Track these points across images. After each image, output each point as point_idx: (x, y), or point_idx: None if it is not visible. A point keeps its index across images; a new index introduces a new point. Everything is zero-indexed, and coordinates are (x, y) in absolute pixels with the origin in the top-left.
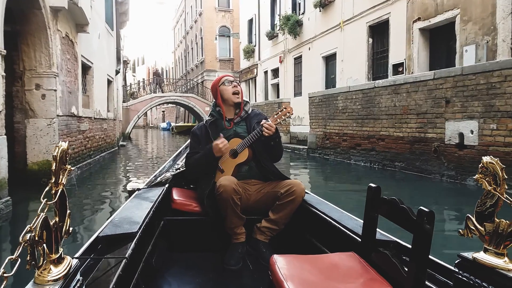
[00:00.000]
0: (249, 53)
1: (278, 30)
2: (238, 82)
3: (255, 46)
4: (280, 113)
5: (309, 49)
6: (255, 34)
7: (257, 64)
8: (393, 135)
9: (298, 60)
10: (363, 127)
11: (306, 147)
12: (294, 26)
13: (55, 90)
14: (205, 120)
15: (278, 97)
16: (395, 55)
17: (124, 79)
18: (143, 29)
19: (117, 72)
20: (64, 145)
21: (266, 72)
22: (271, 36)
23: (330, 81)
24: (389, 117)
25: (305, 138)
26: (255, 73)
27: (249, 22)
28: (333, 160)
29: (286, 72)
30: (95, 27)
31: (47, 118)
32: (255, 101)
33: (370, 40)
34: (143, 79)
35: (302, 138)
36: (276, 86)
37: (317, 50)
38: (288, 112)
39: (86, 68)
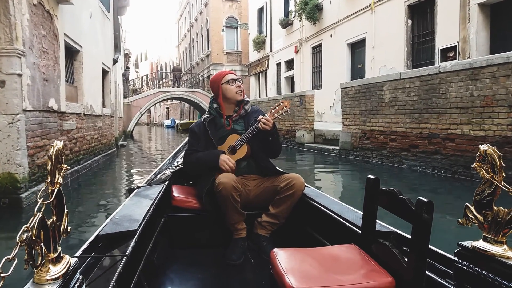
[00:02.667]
0: (259, 44)
1: (293, 17)
2: (241, 80)
3: (266, 36)
4: (277, 107)
5: (331, 36)
6: (266, 24)
7: (268, 56)
8: (469, 134)
9: (317, 49)
10: (421, 123)
11: (337, 147)
12: (313, 10)
13: (20, 75)
14: (203, 118)
15: (292, 90)
16: (444, 37)
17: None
18: (146, 24)
19: (115, 61)
20: (59, 144)
21: (278, 64)
22: (285, 24)
23: (357, 71)
24: (463, 110)
25: (334, 137)
26: (266, 66)
27: (259, 10)
28: (377, 164)
29: (303, 63)
30: (85, 2)
31: (7, 114)
32: (266, 95)
33: (409, 22)
34: (147, 75)
35: (330, 137)
36: (290, 79)
37: (341, 37)
38: (285, 107)
39: (73, 52)
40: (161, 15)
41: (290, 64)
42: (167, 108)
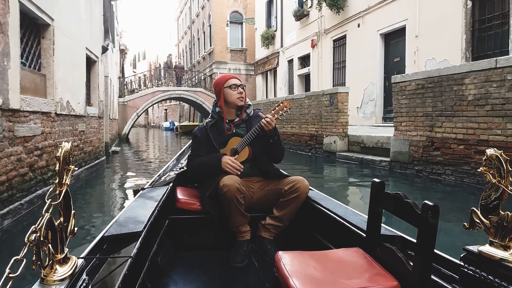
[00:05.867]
0: (268, 39)
1: (310, 6)
2: (244, 86)
3: (275, 30)
4: (277, 108)
5: (359, 25)
6: (276, 17)
7: (278, 52)
8: None
9: (339, 42)
10: None
11: (386, 158)
12: None
13: None
14: (205, 122)
15: (307, 89)
16: None
17: (122, 70)
18: (143, 23)
19: (105, 49)
20: (67, 145)
21: (290, 61)
22: (300, 15)
23: (392, 66)
24: None
25: (378, 145)
26: (275, 63)
27: (268, 3)
28: (454, 184)
29: (321, 59)
30: None
31: None
32: (275, 96)
33: (469, 3)
34: (144, 74)
35: (372, 145)
36: (305, 77)
37: (372, 26)
38: (286, 107)
39: (39, 26)
40: (159, 13)
41: (304, 60)
42: (166, 109)
